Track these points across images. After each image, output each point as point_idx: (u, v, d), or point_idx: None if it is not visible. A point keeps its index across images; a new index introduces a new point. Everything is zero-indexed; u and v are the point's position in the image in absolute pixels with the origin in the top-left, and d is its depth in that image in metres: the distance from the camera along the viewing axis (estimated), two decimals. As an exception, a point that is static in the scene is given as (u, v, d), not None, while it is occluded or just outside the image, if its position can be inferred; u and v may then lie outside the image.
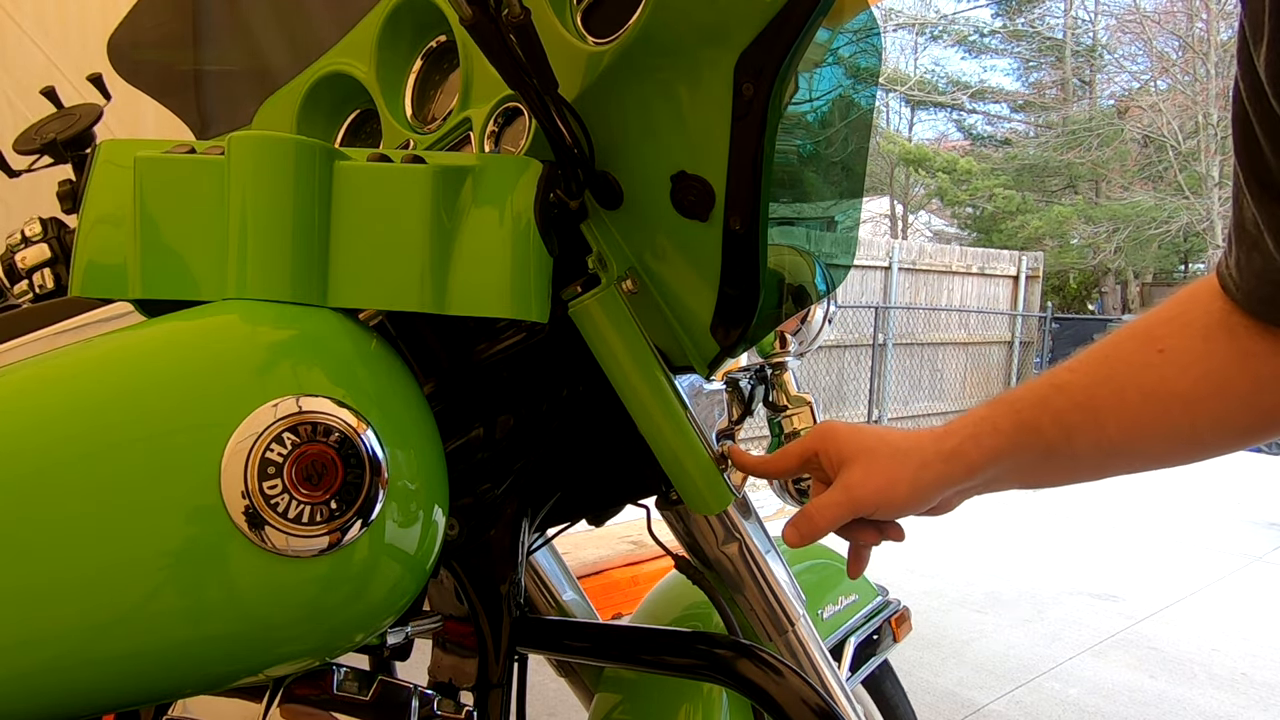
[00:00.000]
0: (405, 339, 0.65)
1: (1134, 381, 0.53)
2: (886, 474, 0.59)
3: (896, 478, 0.59)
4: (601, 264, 0.63)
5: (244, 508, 0.45)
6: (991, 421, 0.58)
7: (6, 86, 2.15)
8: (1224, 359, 0.50)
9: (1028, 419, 0.57)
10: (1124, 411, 0.53)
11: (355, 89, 0.78)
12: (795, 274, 0.75)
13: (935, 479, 0.59)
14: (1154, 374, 0.52)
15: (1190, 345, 0.51)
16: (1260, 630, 3.37)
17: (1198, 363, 0.51)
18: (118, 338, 0.51)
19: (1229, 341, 0.50)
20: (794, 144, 0.71)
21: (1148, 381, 0.52)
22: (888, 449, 0.60)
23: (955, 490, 0.60)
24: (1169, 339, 0.52)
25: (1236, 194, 0.47)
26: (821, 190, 0.78)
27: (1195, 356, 0.51)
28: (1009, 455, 0.58)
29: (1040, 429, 0.56)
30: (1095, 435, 0.55)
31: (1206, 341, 0.51)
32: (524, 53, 0.53)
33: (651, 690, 0.93)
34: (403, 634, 0.66)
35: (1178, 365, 0.51)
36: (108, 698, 0.46)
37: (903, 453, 0.60)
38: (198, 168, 0.53)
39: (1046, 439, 0.56)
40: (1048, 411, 0.56)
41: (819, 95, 0.71)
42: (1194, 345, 0.51)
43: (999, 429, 0.58)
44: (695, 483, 0.66)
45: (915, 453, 0.59)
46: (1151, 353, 0.52)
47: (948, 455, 0.58)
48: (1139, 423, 0.53)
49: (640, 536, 3.26)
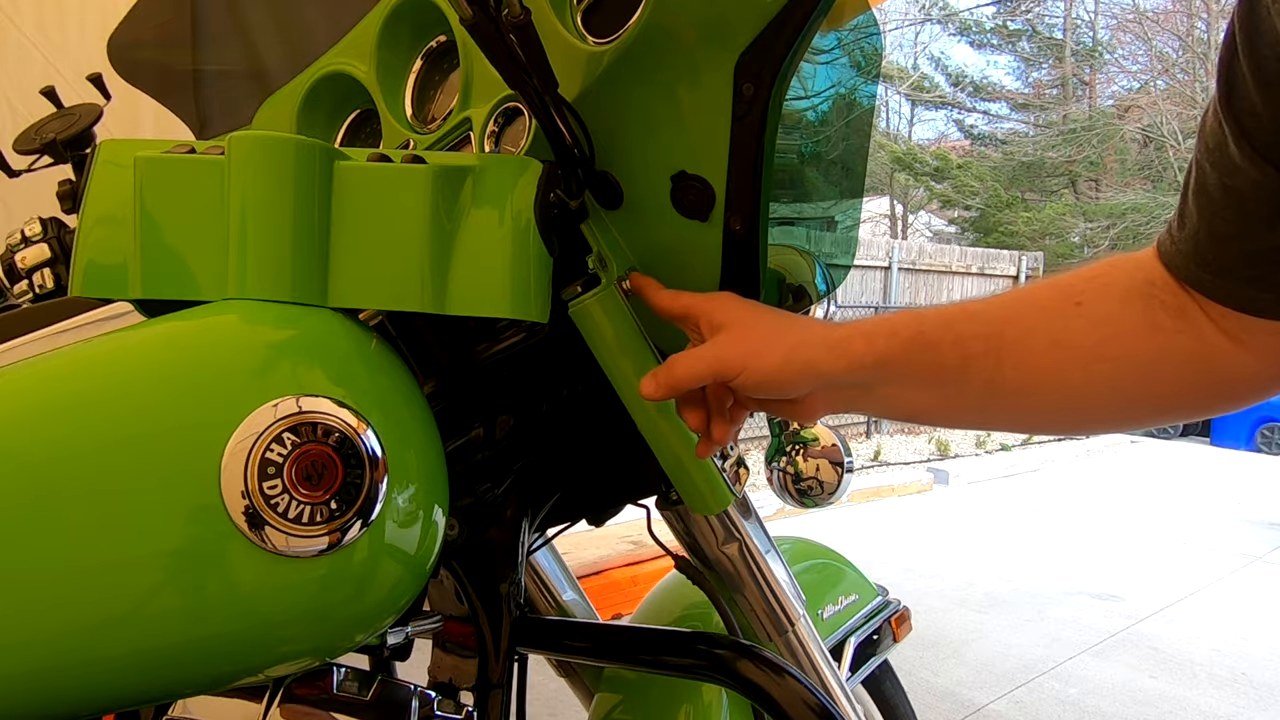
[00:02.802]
0: (405, 339, 0.65)
1: (1044, 326, 0.53)
2: (760, 341, 0.57)
3: (769, 347, 0.56)
4: (601, 264, 0.63)
5: (244, 508, 0.45)
6: (890, 325, 0.56)
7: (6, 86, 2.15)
8: (1134, 325, 0.51)
9: (929, 334, 0.55)
10: (1026, 353, 0.53)
11: (355, 89, 0.78)
12: (795, 274, 0.75)
13: (809, 361, 0.56)
14: (1064, 323, 0.52)
15: (1106, 305, 0.52)
16: (1260, 630, 3.38)
17: (1108, 322, 0.52)
18: (118, 338, 0.51)
19: (1143, 309, 0.51)
20: (794, 144, 0.71)
21: (1056, 329, 0.53)
22: (770, 321, 0.58)
23: (827, 383, 0.57)
24: (1087, 295, 0.52)
25: (1204, 158, 0.47)
26: (821, 190, 0.78)
27: (1107, 316, 0.52)
28: (897, 365, 0.55)
29: (938, 347, 0.55)
30: (990, 371, 0.54)
31: (1122, 305, 0.51)
32: (524, 53, 0.53)
33: (651, 690, 0.94)
34: (403, 634, 0.66)
35: (1089, 320, 0.52)
36: (108, 698, 0.46)
37: (783, 328, 0.58)
38: (198, 168, 0.53)
39: (941, 360, 0.55)
40: (951, 332, 0.55)
41: (819, 95, 0.71)
42: (1109, 306, 0.52)
43: (895, 333, 0.56)
44: (695, 483, 0.66)
45: (797, 331, 0.57)
46: (1068, 304, 0.53)
47: (832, 344, 0.56)
48: (1037, 368, 0.53)
49: (640, 536, 3.26)
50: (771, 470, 1.02)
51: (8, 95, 2.16)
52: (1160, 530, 4.91)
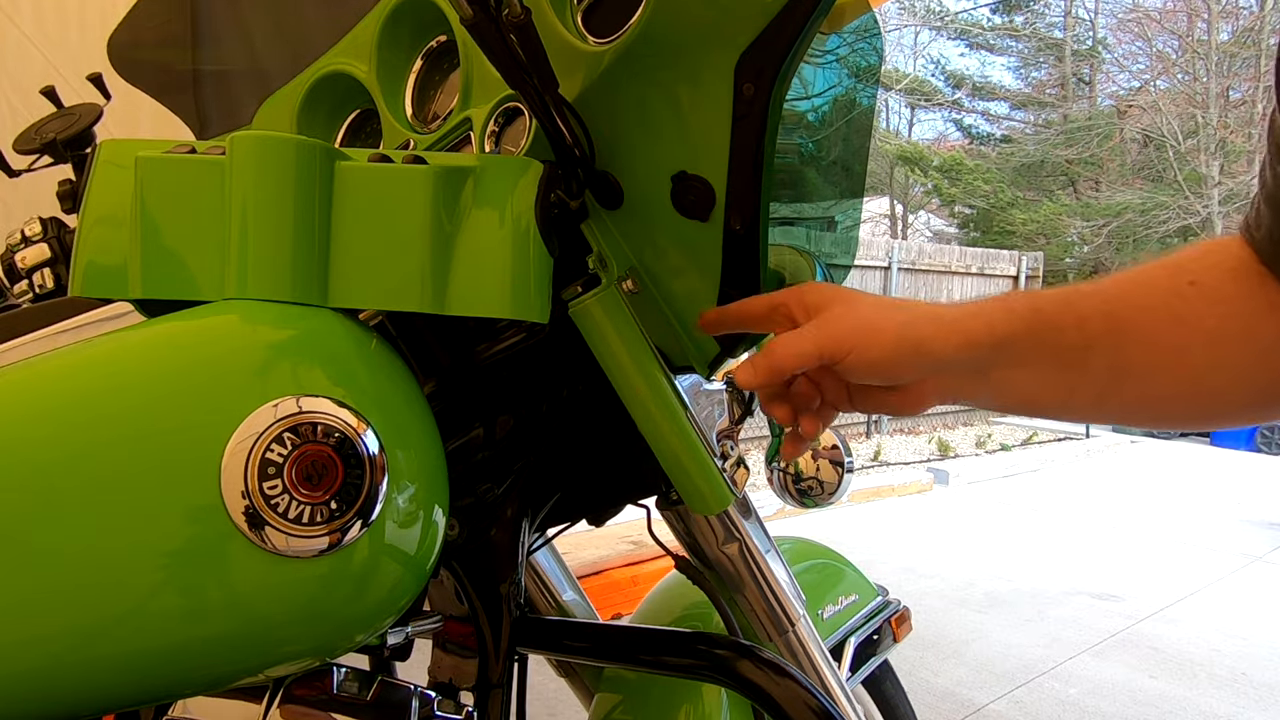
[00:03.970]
0: (405, 339, 0.65)
1: (1164, 303, 0.50)
2: (867, 318, 0.52)
3: (879, 325, 0.51)
4: (602, 264, 0.63)
5: (244, 508, 0.45)
6: (1005, 304, 0.52)
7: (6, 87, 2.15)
8: (1253, 303, 0.48)
9: (1048, 313, 0.51)
10: (1149, 333, 0.50)
11: (355, 89, 0.78)
12: (796, 274, 0.75)
13: (921, 339, 0.51)
14: (1184, 303, 0.49)
15: (1221, 283, 0.49)
16: (1260, 630, 3.38)
17: (1227, 301, 0.49)
18: (118, 338, 0.51)
19: (1259, 286, 0.48)
20: (794, 144, 0.71)
21: (1177, 307, 0.49)
22: (872, 299, 0.54)
23: (939, 366, 0.52)
24: (1200, 274, 0.50)
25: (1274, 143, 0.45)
26: (822, 190, 0.78)
27: (1225, 295, 0.49)
28: (1018, 345, 0.51)
29: (1061, 327, 0.51)
30: (1113, 354, 0.50)
31: (1236, 282, 0.49)
32: (524, 53, 0.53)
33: (651, 690, 0.94)
34: (403, 634, 0.66)
35: (1207, 299, 0.49)
36: (108, 698, 0.46)
37: (889, 305, 0.53)
38: (198, 168, 0.53)
39: (1063, 340, 0.51)
40: (1071, 311, 0.51)
41: (819, 95, 0.71)
42: (1224, 283, 0.49)
43: (1012, 310, 0.51)
44: (695, 483, 0.66)
45: (906, 309, 0.53)
46: (1183, 283, 0.50)
47: (946, 322, 0.51)
48: (1160, 348, 0.50)
49: (640, 536, 3.26)
50: (771, 470, 1.02)
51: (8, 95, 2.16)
52: (1160, 530, 4.91)
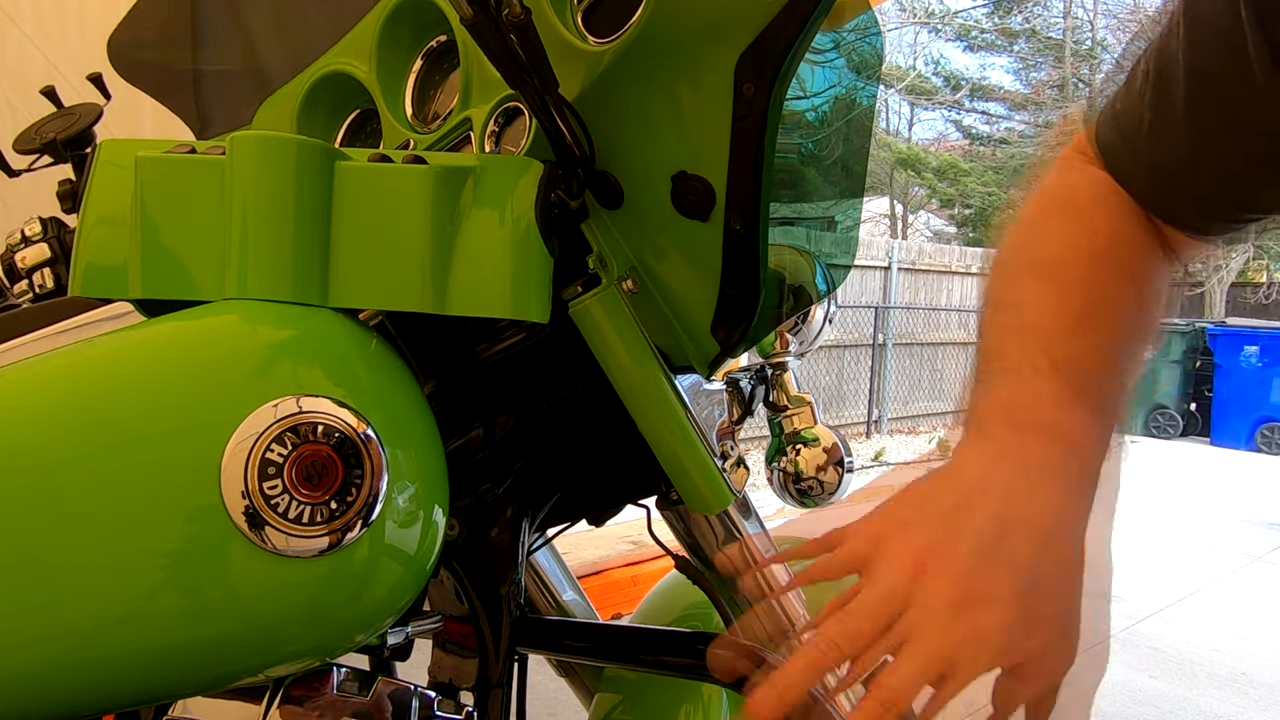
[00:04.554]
0: (405, 339, 0.65)
1: (1136, 314, 0.51)
2: (1048, 627, 0.42)
3: (1064, 622, 0.42)
4: (602, 264, 0.63)
5: (244, 508, 0.45)
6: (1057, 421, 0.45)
7: (6, 86, 2.15)
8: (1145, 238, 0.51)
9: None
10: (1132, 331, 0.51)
11: (355, 89, 0.78)
12: (795, 274, 0.75)
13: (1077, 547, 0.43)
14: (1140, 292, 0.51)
15: (1134, 249, 0.51)
16: (1260, 630, 3.37)
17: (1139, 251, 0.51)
18: (118, 338, 0.51)
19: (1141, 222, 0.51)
20: (794, 144, 0.71)
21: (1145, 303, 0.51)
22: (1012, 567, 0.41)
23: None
24: (1135, 262, 0.51)
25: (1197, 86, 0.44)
26: (822, 190, 0.78)
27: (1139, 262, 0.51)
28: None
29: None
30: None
31: (1135, 227, 0.51)
32: (524, 52, 0.53)
33: (651, 690, 0.93)
34: (403, 634, 0.66)
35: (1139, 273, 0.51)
36: (108, 698, 0.46)
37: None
38: (199, 168, 0.53)
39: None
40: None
41: (819, 95, 0.71)
42: (1135, 249, 0.51)
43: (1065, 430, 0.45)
44: (695, 483, 0.66)
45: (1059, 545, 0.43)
46: (1123, 275, 0.51)
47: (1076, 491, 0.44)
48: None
49: (640, 536, 3.26)
50: (771, 470, 1.02)
51: (8, 95, 2.16)
52: (1160, 530, 4.91)
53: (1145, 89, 0.48)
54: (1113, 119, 0.52)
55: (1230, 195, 0.49)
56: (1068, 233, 0.51)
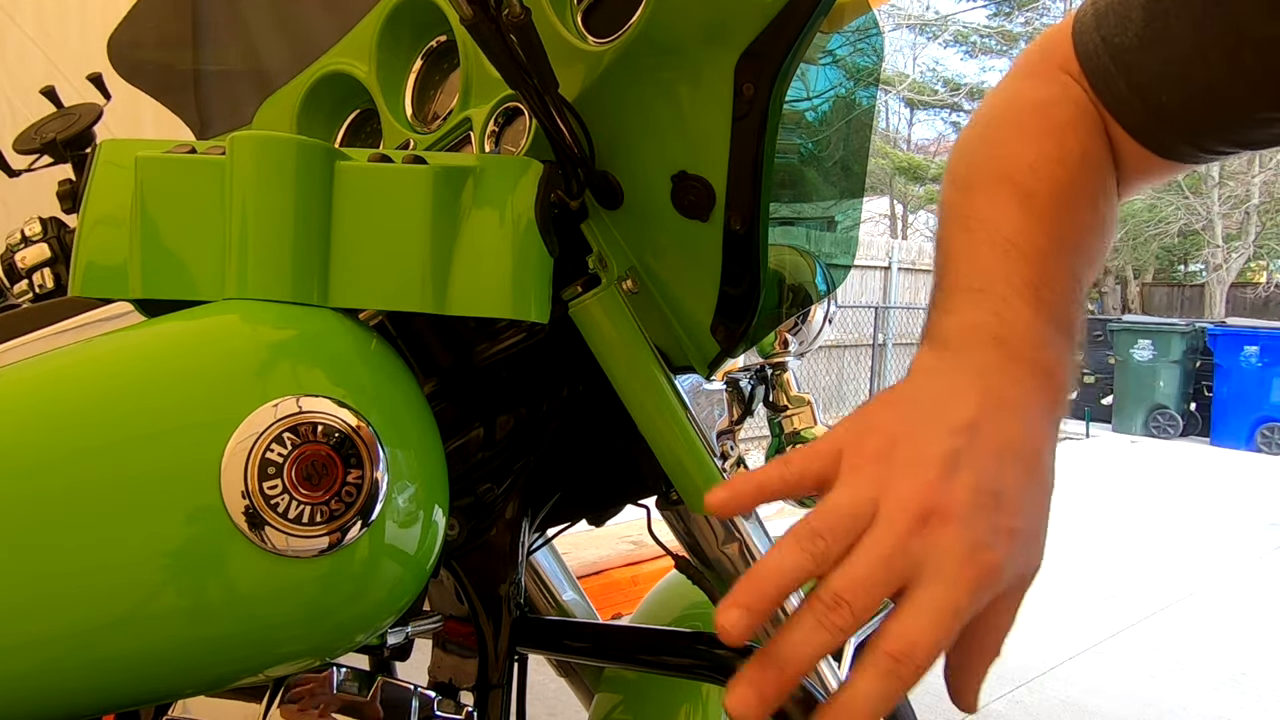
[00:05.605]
0: (405, 339, 0.65)
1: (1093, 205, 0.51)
2: (1024, 525, 0.41)
3: (1034, 524, 0.42)
4: (602, 264, 0.63)
5: (244, 508, 0.45)
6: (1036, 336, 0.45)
7: (6, 86, 2.15)
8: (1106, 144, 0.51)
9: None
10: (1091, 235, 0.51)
11: (355, 89, 0.78)
12: (795, 274, 0.75)
13: (1050, 449, 0.43)
14: (1103, 198, 0.51)
15: (1104, 152, 0.50)
16: (1260, 630, 3.38)
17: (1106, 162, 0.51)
18: (118, 338, 0.51)
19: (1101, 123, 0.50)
20: (794, 144, 0.71)
21: (1100, 200, 0.51)
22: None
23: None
24: (1101, 161, 0.51)
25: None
26: (822, 190, 0.78)
27: (1104, 159, 0.51)
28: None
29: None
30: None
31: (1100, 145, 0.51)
32: (524, 52, 0.53)
33: (651, 690, 0.94)
34: (403, 634, 0.66)
35: (1104, 173, 0.51)
36: (108, 698, 0.46)
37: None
38: (199, 168, 0.53)
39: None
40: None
41: (819, 95, 0.71)
42: (1104, 151, 0.50)
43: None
44: (695, 483, 0.66)
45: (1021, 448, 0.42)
46: (1098, 184, 0.51)
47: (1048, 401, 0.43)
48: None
49: (640, 536, 3.26)
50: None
51: (8, 95, 2.16)
52: (1160, 530, 4.91)
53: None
54: (1094, 19, 0.49)
55: (1215, 117, 0.47)
56: (1045, 150, 0.49)
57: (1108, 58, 0.48)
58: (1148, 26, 0.46)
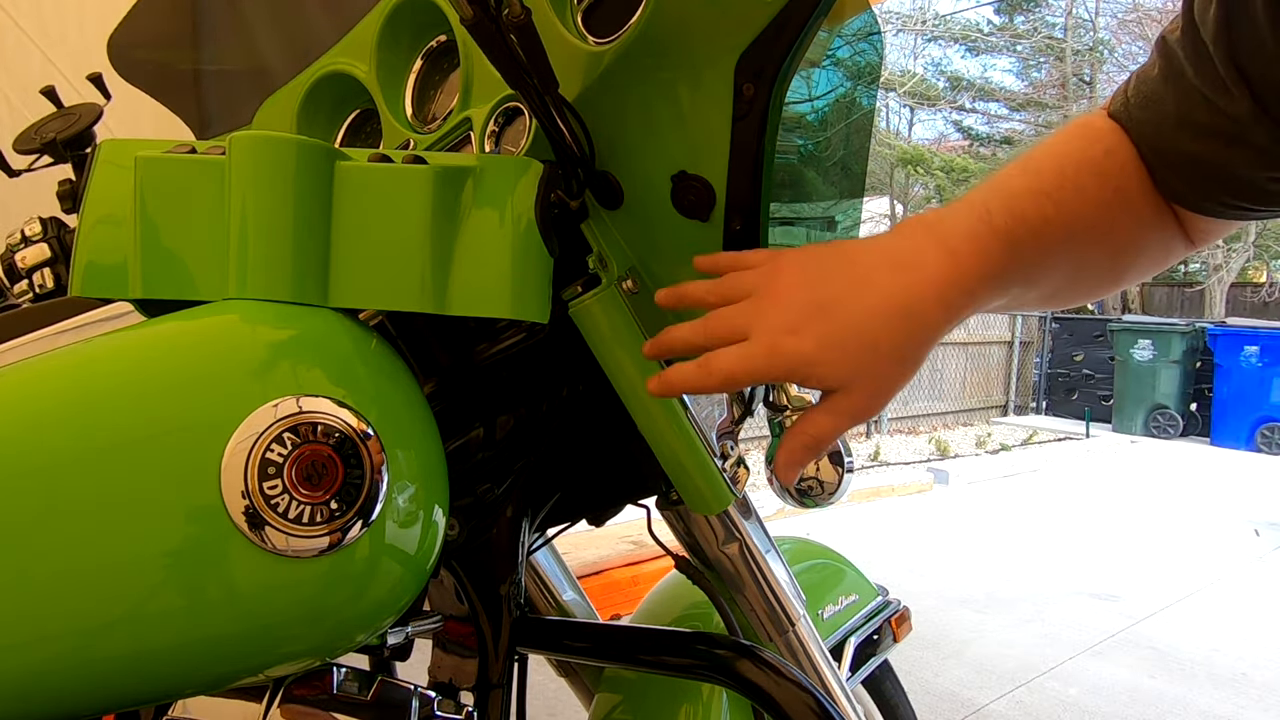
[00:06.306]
0: (405, 339, 0.65)
1: (1101, 216, 0.53)
2: (868, 377, 0.51)
3: (887, 376, 0.52)
4: (602, 264, 0.63)
5: (244, 508, 0.45)
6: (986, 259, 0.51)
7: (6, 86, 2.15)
8: (1144, 196, 0.53)
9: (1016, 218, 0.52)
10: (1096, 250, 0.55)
11: (355, 89, 0.78)
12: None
13: (929, 340, 0.52)
14: (1110, 211, 0.53)
15: (1132, 188, 0.53)
16: (1260, 630, 3.38)
17: (1134, 201, 0.53)
18: (118, 338, 0.51)
19: (1141, 175, 0.53)
20: (794, 144, 0.71)
21: (1109, 216, 0.53)
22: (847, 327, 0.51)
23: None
24: (1121, 180, 0.53)
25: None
26: (822, 190, 0.78)
27: (1135, 198, 0.53)
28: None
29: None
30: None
31: (1139, 179, 0.53)
32: (524, 53, 0.53)
33: (651, 690, 0.93)
34: (403, 634, 0.66)
35: (1125, 205, 0.53)
36: (108, 698, 0.46)
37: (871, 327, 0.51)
38: (199, 168, 0.53)
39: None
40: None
41: (819, 95, 0.71)
42: (1135, 188, 0.53)
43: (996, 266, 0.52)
44: (695, 483, 0.66)
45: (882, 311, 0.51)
46: (1109, 190, 0.53)
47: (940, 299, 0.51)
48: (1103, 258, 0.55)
49: (640, 536, 3.26)
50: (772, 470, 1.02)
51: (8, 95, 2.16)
52: (1160, 530, 4.91)
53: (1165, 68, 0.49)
54: (1124, 100, 0.53)
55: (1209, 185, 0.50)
56: (1071, 138, 0.54)
57: (1152, 121, 0.51)
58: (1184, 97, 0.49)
